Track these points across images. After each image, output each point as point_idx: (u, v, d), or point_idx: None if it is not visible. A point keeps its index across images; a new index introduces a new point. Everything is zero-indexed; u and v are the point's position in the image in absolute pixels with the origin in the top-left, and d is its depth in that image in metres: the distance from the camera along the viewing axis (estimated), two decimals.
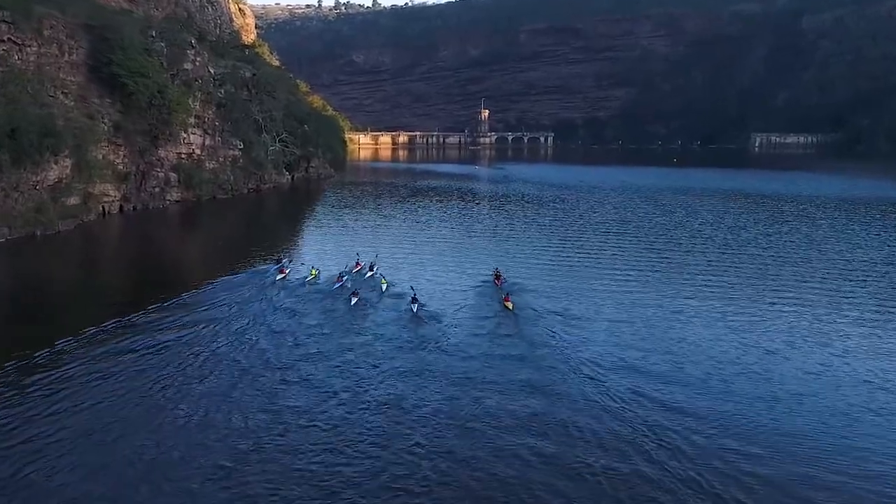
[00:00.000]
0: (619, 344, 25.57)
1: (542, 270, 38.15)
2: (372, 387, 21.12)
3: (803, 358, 24.24)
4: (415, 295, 29.39)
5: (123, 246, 50.25)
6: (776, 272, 38.22)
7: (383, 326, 27.26)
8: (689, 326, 27.90)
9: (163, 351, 24.10)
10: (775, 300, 31.99)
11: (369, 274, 35.16)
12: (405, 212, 65.48)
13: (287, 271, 34.71)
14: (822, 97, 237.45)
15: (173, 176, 65.40)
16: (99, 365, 22.58)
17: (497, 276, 33.80)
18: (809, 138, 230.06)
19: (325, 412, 19.24)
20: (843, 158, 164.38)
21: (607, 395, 20.67)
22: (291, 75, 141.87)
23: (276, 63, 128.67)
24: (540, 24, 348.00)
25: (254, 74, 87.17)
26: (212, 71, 75.21)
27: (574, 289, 33.83)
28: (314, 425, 18.39)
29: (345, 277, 33.21)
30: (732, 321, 28.61)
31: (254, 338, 25.71)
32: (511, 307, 29.15)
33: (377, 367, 22.85)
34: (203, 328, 26.63)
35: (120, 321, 27.28)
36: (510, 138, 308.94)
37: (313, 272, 34.52)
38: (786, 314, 29.69)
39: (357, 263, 36.52)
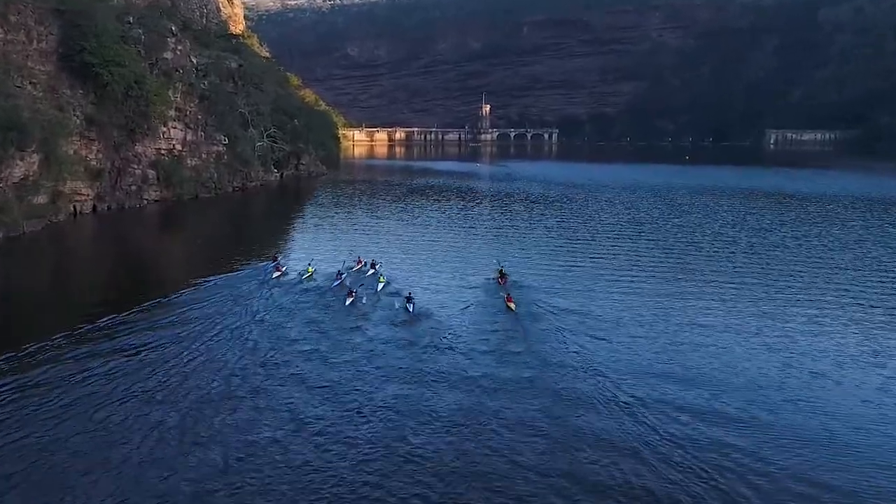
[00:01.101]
0: (644, 363, 23.38)
1: (551, 275, 36.09)
2: (362, 397, 20.16)
3: (857, 382, 21.98)
4: (410, 294, 29.05)
5: (96, 248, 48.23)
6: (811, 279, 35.98)
7: (378, 332, 26.25)
8: (720, 343, 25.65)
9: (131, 361, 22.68)
10: (815, 312, 29.72)
11: (371, 272, 35.22)
12: (402, 212, 63.68)
13: (283, 269, 35.07)
14: (839, 93, 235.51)
15: (151, 173, 63.37)
16: (49, 380, 20.73)
17: (501, 276, 33.22)
18: (827, 135, 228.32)
19: (313, 426, 18.39)
20: (864, 157, 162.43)
21: (629, 424, 18.53)
22: (282, 68, 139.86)
23: (266, 55, 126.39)
24: (543, 15, 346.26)
25: (240, 65, 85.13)
26: (194, 61, 73.12)
27: (586, 296, 31.87)
28: (301, 439, 17.59)
29: (344, 275, 33.44)
30: (769, 337, 26.35)
31: (231, 344, 24.44)
32: (513, 307, 28.39)
33: (369, 374, 21.99)
34: (178, 335, 25.17)
35: (87, 328, 25.78)
36: (513, 135, 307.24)
37: (309, 270, 34.61)
38: (829, 329, 27.42)
39: (358, 261, 36.80)
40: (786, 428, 18.67)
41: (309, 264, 35.47)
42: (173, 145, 67.52)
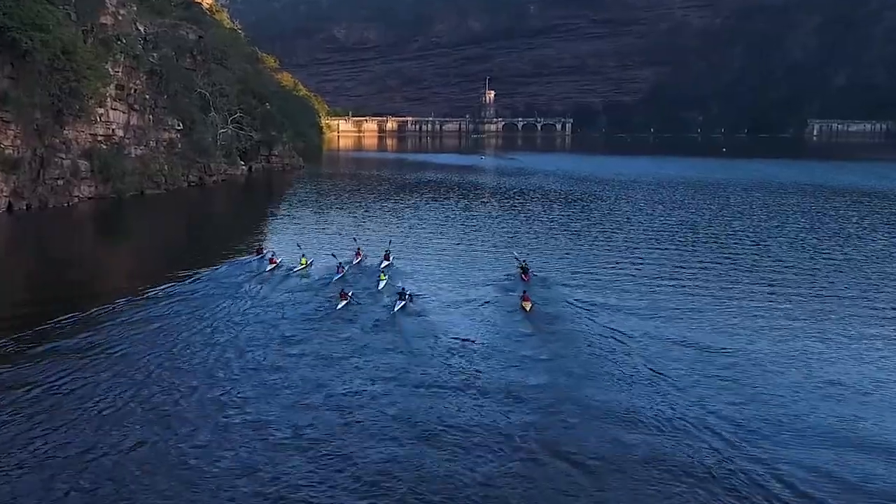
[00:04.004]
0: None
1: (585, 290, 30.91)
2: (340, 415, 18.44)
3: None
4: (402, 290, 28.20)
5: (13, 255, 42.56)
6: None
7: (370, 337, 24.18)
8: (846, 400, 19.48)
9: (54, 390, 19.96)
10: None
11: (385, 264, 34.84)
12: (394, 211, 58.56)
13: (278, 261, 34.90)
14: (889, 77, 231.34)
15: (84, 164, 57.46)
16: None
17: (524, 272, 32.26)
18: (878, 126, 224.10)
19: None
20: None
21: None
22: (256, 48, 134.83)
23: (236, 28, 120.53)
24: None
25: (200, 37, 79.36)
26: (141, 29, 67.42)
27: (630, 313, 27.29)
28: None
29: (346, 268, 33.31)
30: None
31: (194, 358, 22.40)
32: (529, 309, 26.86)
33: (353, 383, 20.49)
34: (112, 356, 22.37)
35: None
36: (520, 125, 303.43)
37: (303, 262, 34.77)
38: None
39: (357, 253, 36.51)
40: None
41: (303, 255, 35.23)
42: (113, 130, 61.83)
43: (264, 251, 36.65)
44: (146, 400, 18.83)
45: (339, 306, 27.22)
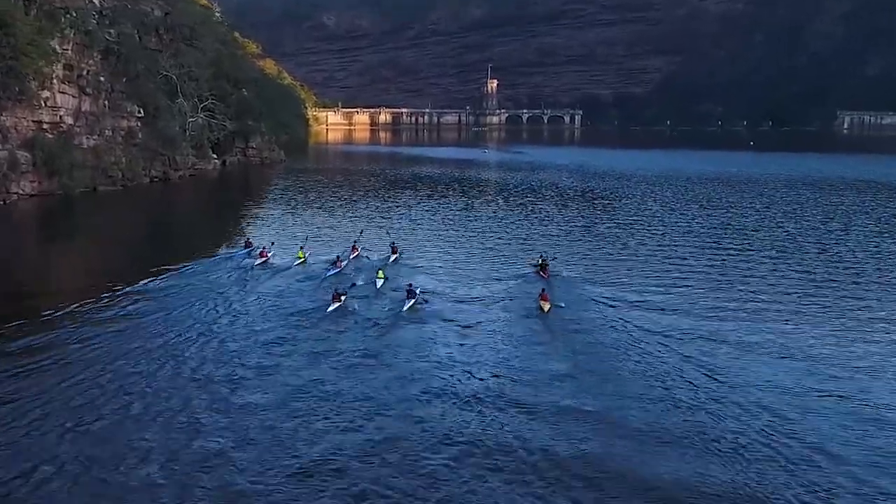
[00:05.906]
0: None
1: (607, 290, 29.50)
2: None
3: None
4: (411, 287, 28.11)
5: None
6: None
7: (362, 354, 22.22)
8: None
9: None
10: None
11: (393, 257, 35.36)
12: (387, 211, 54.75)
13: (269, 255, 35.08)
14: None
15: (24, 156, 54.21)
16: None
17: (542, 268, 32.21)
18: None
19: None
20: None
21: None
22: (237, 34, 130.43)
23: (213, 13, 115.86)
24: None
25: (166, 14, 75.32)
26: (96, 2, 63.74)
27: (672, 321, 25.44)
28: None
29: (345, 263, 33.73)
30: None
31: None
32: (548, 309, 26.17)
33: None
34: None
35: None
36: (525, 117, 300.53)
37: (301, 255, 35.11)
38: None
39: (353, 248, 36.61)
40: None
41: (300, 248, 35.79)
42: (60, 117, 58.37)
43: (254, 245, 36.66)
44: (110, 404, 18.30)
45: (331, 308, 26.54)
